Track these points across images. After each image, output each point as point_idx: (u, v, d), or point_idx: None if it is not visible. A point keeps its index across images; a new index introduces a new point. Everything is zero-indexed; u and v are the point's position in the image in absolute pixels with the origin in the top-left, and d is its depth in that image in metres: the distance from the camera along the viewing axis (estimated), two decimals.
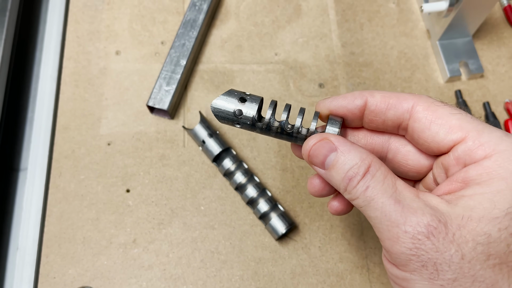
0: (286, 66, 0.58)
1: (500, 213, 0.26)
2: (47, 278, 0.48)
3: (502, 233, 0.25)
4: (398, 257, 0.27)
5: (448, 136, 0.29)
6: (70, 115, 0.55)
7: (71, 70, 0.57)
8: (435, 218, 0.26)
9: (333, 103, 0.33)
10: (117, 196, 0.51)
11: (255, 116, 0.32)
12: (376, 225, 0.28)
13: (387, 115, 0.32)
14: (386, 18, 0.62)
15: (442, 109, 0.30)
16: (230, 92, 0.33)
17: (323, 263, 0.49)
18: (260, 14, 0.61)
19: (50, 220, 0.50)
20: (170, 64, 0.55)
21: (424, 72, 0.59)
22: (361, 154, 0.30)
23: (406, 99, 0.31)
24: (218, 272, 0.48)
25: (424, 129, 0.30)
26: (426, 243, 0.26)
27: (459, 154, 0.28)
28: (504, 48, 0.60)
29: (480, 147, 0.27)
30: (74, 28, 0.59)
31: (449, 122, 0.29)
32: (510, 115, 0.56)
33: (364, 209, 0.29)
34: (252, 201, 0.49)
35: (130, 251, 0.49)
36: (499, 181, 0.26)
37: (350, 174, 0.29)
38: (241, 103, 0.32)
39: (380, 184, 0.28)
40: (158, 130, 0.54)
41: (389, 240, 0.27)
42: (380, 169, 0.29)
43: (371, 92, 0.32)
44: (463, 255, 0.25)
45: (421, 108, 0.30)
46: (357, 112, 0.32)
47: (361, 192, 0.29)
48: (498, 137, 0.27)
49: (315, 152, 0.31)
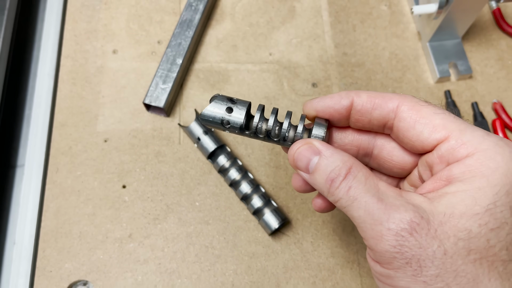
0: (280, 66, 0.60)
1: (481, 209, 0.26)
2: (44, 272, 0.48)
3: (482, 229, 0.26)
4: (383, 255, 0.27)
5: (432, 135, 0.30)
6: (67, 112, 0.56)
7: (68, 68, 0.58)
8: (417, 214, 0.27)
9: (319, 103, 0.33)
10: (113, 191, 0.52)
11: (242, 124, 0.33)
12: (359, 225, 0.29)
13: (373, 115, 0.32)
14: (378, 20, 0.64)
15: (426, 109, 0.30)
16: (217, 101, 0.34)
17: (315, 257, 0.50)
18: (255, 14, 0.63)
19: (47, 215, 0.51)
20: (167, 63, 0.56)
21: (414, 73, 0.60)
22: (342, 157, 0.31)
23: (391, 99, 0.32)
24: (212, 267, 0.49)
25: (409, 128, 0.31)
26: (409, 239, 0.26)
27: (442, 152, 0.29)
28: (492, 50, 0.62)
29: (462, 146, 0.28)
30: (72, 27, 0.60)
31: (432, 122, 0.30)
32: (498, 115, 0.58)
33: (348, 209, 0.29)
34: (246, 197, 0.50)
35: (125, 246, 0.50)
36: (481, 178, 0.27)
37: (332, 175, 0.30)
38: (229, 112, 0.33)
39: (362, 184, 0.29)
40: (154, 127, 0.55)
41: (373, 239, 0.28)
42: (361, 170, 0.30)
43: (357, 92, 0.33)
44: (445, 250, 0.26)
45: (406, 108, 0.31)
46: (344, 112, 0.33)
47: (344, 192, 0.29)
48: (480, 136, 0.28)
49: (299, 156, 0.32)
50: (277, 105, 0.57)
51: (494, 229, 0.26)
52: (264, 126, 0.34)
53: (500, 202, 0.26)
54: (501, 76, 0.60)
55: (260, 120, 0.34)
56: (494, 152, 0.27)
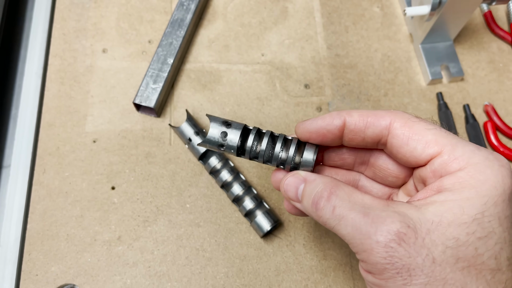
0: (273, 66, 0.59)
1: (468, 218, 0.27)
2: (30, 275, 0.47)
3: (470, 237, 0.27)
4: (374, 267, 0.28)
5: (425, 151, 0.30)
6: (55, 112, 0.54)
7: (56, 67, 0.57)
8: (404, 224, 0.27)
9: (312, 125, 0.34)
10: (102, 193, 0.51)
11: (236, 148, 0.35)
12: (349, 241, 0.29)
13: (366, 133, 0.33)
14: (371, 21, 0.63)
15: (418, 125, 0.31)
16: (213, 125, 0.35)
17: (308, 260, 0.49)
18: (247, 15, 0.62)
19: (33, 217, 0.49)
20: (157, 63, 0.55)
21: (407, 75, 0.60)
22: (324, 180, 0.32)
23: (383, 117, 0.32)
24: (203, 269, 0.48)
25: (402, 144, 0.31)
26: (398, 250, 0.27)
27: (435, 167, 0.30)
28: (483, 53, 0.62)
29: (454, 161, 0.29)
30: (60, 26, 0.59)
31: (425, 137, 0.30)
32: (489, 117, 0.58)
33: (336, 228, 0.30)
34: (237, 199, 0.49)
35: (114, 248, 0.49)
36: (470, 189, 0.28)
37: (315, 198, 0.32)
38: (224, 138, 0.35)
39: (346, 202, 0.30)
40: (144, 128, 0.54)
41: (364, 252, 0.28)
42: (344, 189, 0.31)
43: (348, 112, 0.33)
44: (434, 258, 0.26)
45: (398, 125, 0.32)
46: (337, 132, 0.33)
47: (329, 212, 0.30)
48: (471, 151, 0.29)
49: (287, 187, 0.34)
50: (269, 106, 0.57)
51: (482, 238, 0.27)
52: (258, 150, 0.36)
53: (488, 212, 0.27)
54: (492, 79, 0.61)
55: (254, 142, 0.36)
56: (484, 166, 0.28)
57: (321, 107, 0.57)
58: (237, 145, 0.35)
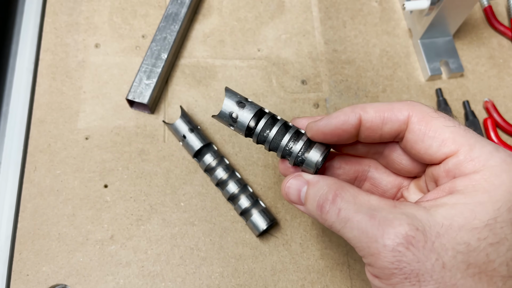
0: (269, 62, 0.58)
1: (480, 223, 0.26)
2: (20, 275, 0.46)
3: (481, 243, 0.25)
4: (382, 271, 0.27)
5: (441, 150, 0.29)
6: (46, 108, 0.53)
7: (48, 62, 0.56)
8: (412, 227, 0.26)
9: (326, 127, 0.32)
10: (94, 191, 0.50)
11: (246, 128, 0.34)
12: (356, 245, 0.28)
13: (384, 130, 0.31)
14: (369, 16, 0.62)
15: (436, 121, 0.30)
16: (229, 98, 0.34)
17: (304, 259, 0.48)
18: (243, 9, 0.61)
19: (23, 216, 0.48)
20: (151, 58, 0.54)
21: (405, 70, 0.59)
22: (328, 181, 0.31)
23: (400, 110, 0.31)
24: (198, 269, 0.47)
25: (418, 141, 0.30)
26: (407, 254, 0.26)
27: (449, 167, 0.29)
28: (483, 48, 0.61)
29: (470, 162, 0.28)
30: (52, 20, 0.58)
31: (442, 135, 0.29)
32: (489, 114, 0.57)
33: (342, 231, 0.29)
34: (233, 197, 0.48)
35: (107, 248, 0.48)
36: (483, 193, 0.26)
37: (320, 201, 0.31)
38: (236, 117, 0.34)
39: (352, 204, 0.29)
40: (137, 124, 0.53)
41: (371, 256, 0.27)
42: (349, 191, 0.30)
43: (363, 108, 0.31)
44: (444, 264, 0.25)
45: (416, 119, 0.30)
46: (353, 130, 0.32)
47: (335, 215, 0.29)
48: (489, 152, 0.28)
49: (289, 190, 0.33)
50: (265, 102, 0.55)
51: (493, 244, 0.26)
52: (267, 134, 0.34)
53: (501, 218, 0.26)
54: (492, 75, 0.60)
55: (264, 129, 0.34)
56: (500, 170, 0.27)
57: (318, 103, 0.56)
58: (247, 125, 0.33)
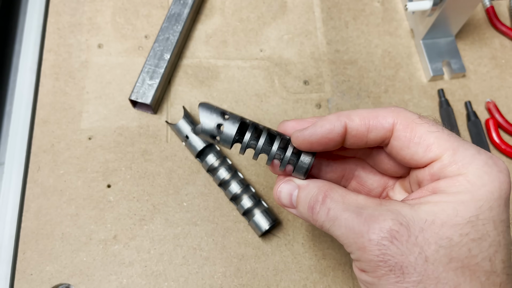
0: (271, 62, 0.58)
1: (462, 220, 0.27)
2: (24, 275, 0.46)
3: (463, 238, 0.27)
4: (368, 265, 0.28)
5: (426, 155, 0.30)
6: (49, 108, 0.53)
7: (51, 62, 0.56)
8: (396, 222, 0.27)
9: (313, 136, 0.32)
10: (97, 191, 0.50)
11: (232, 141, 0.33)
12: (344, 241, 0.30)
13: (369, 137, 0.32)
14: (371, 16, 0.62)
15: (421, 127, 0.31)
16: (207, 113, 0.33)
17: (306, 259, 0.49)
18: (245, 10, 0.61)
19: (27, 216, 0.49)
20: (154, 58, 0.54)
21: (407, 71, 0.59)
22: (317, 184, 0.33)
23: (385, 118, 0.31)
24: (200, 269, 0.48)
25: (403, 147, 0.31)
26: (391, 247, 0.27)
27: (434, 171, 0.30)
28: (485, 49, 0.61)
29: (454, 165, 0.29)
30: (55, 20, 0.58)
31: (427, 141, 0.30)
32: (491, 115, 0.57)
33: (331, 230, 0.30)
34: (235, 197, 0.49)
35: (110, 248, 0.48)
36: (465, 193, 0.28)
37: (311, 203, 0.32)
38: (218, 133, 0.34)
39: (340, 204, 0.30)
40: (140, 124, 0.53)
41: (358, 251, 0.28)
42: (337, 191, 0.31)
43: (348, 115, 0.32)
44: (426, 257, 0.27)
45: (401, 127, 0.31)
46: (339, 138, 0.32)
47: (324, 215, 0.31)
48: (471, 155, 0.29)
49: (281, 195, 0.35)
50: (268, 102, 0.56)
51: (475, 240, 0.27)
52: (253, 145, 0.34)
53: (482, 216, 0.27)
54: (494, 75, 0.60)
55: (251, 139, 0.34)
56: (482, 172, 0.28)
57: (321, 103, 0.56)
58: (233, 139, 0.33)
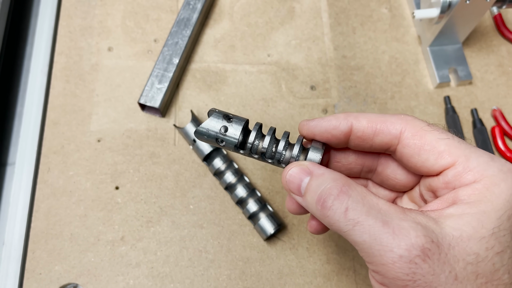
0: (279, 67, 0.59)
1: (487, 232, 0.26)
2: (33, 274, 0.47)
3: (489, 253, 0.26)
4: (392, 282, 0.26)
5: (438, 162, 0.29)
6: (60, 110, 0.54)
7: (62, 65, 0.57)
8: (428, 239, 0.26)
9: (317, 127, 0.32)
10: (106, 193, 0.51)
11: (237, 143, 0.33)
12: (365, 250, 0.27)
13: (375, 141, 0.32)
14: (379, 23, 0.63)
15: (430, 135, 0.30)
16: (213, 117, 0.33)
17: (311, 264, 0.49)
18: (253, 15, 0.62)
19: (37, 216, 0.50)
20: (163, 62, 0.55)
21: (414, 78, 0.60)
22: (333, 176, 0.30)
23: (393, 124, 0.31)
24: (206, 271, 0.48)
25: (414, 155, 0.30)
26: (423, 266, 0.25)
27: (449, 179, 0.29)
28: (492, 56, 0.61)
29: (469, 172, 0.28)
30: (66, 23, 0.59)
31: (438, 148, 0.29)
32: (497, 122, 0.57)
33: (348, 233, 0.27)
34: (241, 201, 0.49)
35: (117, 249, 0.49)
36: (486, 202, 0.27)
37: (322, 195, 0.29)
38: (224, 131, 0.33)
39: (361, 205, 0.28)
40: (149, 128, 0.54)
41: (383, 265, 0.26)
42: (356, 189, 0.29)
43: (356, 117, 0.32)
44: (456, 275, 0.26)
45: (410, 134, 0.30)
46: (342, 137, 0.32)
47: (341, 214, 0.28)
48: (485, 162, 0.28)
49: (290, 178, 0.31)
50: (274, 107, 0.56)
51: (499, 253, 0.26)
52: (260, 146, 0.33)
53: (503, 226, 0.27)
54: (501, 83, 0.60)
55: (256, 140, 0.33)
56: (498, 179, 0.28)
57: (327, 109, 0.57)
58: (237, 140, 0.32)
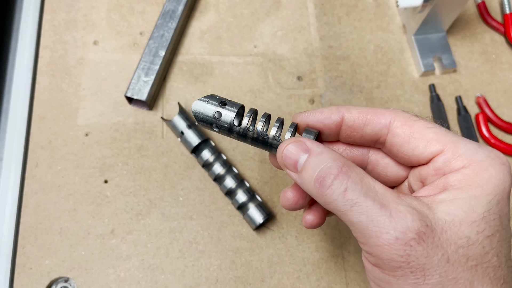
0: (265, 58, 0.59)
1: (478, 216, 0.27)
2: (24, 269, 0.47)
3: (479, 236, 0.27)
4: (388, 263, 0.27)
5: (427, 149, 0.30)
6: (46, 105, 0.54)
7: (47, 59, 0.56)
8: (423, 222, 0.26)
9: (309, 117, 0.33)
10: (94, 186, 0.51)
11: (233, 120, 0.33)
12: (360, 231, 0.27)
13: (365, 131, 0.33)
14: (364, 12, 0.63)
15: (419, 124, 0.31)
16: (212, 95, 0.34)
17: (300, 252, 0.50)
18: (239, 6, 0.62)
19: (26, 211, 0.50)
20: (149, 55, 0.55)
21: (399, 66, 0.60)
22: (333, 155, 0.30)
23: (383, 115, 0.32)
24: (196, 262, 0.49)
25: (403, 143, 0.31)
26: (417, 249, 0.26)
27: (439, 165, 0.30)
28: (476, 44, 0.62)
29: (458, 158, 0.29)
30: (50, 17, 0.59)
31: (426, 136, 0.30)
32: (481, 109, 0.58)
33: (345, 213, 0.28)
34: (230, 191, 0.50)
35: (108, 242, 0.49)
36: (476, 187, 0.28)
37: (321, 174, 0.29)
38: (221, 107, 0.33)
39: (359, 186, 0.28)
40: (136, 121, 0.54)
41: (378, 247, 0.27)
42: (355, 170, 0.29)
43: (347, 108, 0.33)
44: (448, 258, 0.26)
45: (399, 124, 0.31)
46: (334, 127, 0.33)
47: (339, 194, 0.28)
48: (473, 149, 0.29)
49: (287, 153, 0.31)
50: (262, 98, 0.57)
51: (489, 237, 0.27)
52: (254, 127, 0.34)
53: (492, 210, 0.27)
54: (484, 70, 0.61)
55: (251, 121, 0.34)
56: (486, 164, 0.28)
57: (314, 99, 0.57)
58: (233, 118, 0.33)
